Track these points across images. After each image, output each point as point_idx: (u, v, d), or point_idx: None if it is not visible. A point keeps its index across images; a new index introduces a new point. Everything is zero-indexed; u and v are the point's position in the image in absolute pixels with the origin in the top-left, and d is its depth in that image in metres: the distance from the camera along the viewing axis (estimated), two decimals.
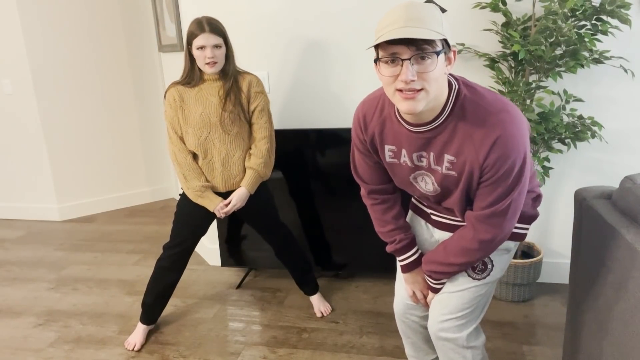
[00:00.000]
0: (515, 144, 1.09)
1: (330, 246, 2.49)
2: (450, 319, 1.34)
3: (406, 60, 1.02)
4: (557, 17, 1.86)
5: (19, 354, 2.10)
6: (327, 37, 2.36)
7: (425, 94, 1.05)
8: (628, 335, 1.13)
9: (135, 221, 3.66)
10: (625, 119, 2.17)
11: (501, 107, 1.11)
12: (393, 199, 1.40)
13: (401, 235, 1.38)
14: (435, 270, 1.32)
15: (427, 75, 1.03)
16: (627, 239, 1.14)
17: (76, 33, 3.55)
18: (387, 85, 1.08)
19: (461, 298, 1.32)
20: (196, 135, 1.96)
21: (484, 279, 1.32)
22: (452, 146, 1.14)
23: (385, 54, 1.04)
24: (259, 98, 2.00)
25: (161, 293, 2.13)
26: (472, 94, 1.13)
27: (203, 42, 1.87)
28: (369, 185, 1.38)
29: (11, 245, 3.31)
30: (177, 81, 1.99)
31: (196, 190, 1.98)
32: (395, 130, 1.21)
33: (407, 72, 1.02)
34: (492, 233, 1.19)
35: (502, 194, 1.14)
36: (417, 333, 1.53)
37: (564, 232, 2.38)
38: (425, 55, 1.02)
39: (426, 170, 1.23)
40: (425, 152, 1.19)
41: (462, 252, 1.25)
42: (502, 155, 1.09)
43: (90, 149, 3.77)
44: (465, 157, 1.13)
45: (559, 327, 2.10)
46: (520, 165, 1.11)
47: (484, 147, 1.09)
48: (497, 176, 1.11)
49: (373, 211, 1.41)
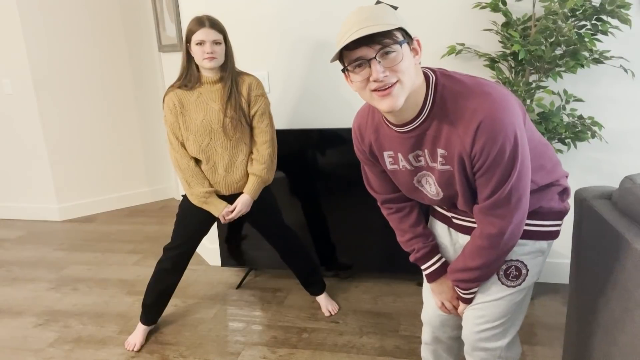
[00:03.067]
0: (500, 126, 1.04)
1: (332, 246, 2.49)
2: (488, 329, 1.28)
3: (372, 59, 1.01)
4: (557, 17, 1.86)
5: (19, 354, 2.10)
6: (327, 37, 2.36)
7: (401, 85, 1.03)
8: (628, 335, 1.13)
9: (135, 221, 3.66)
10: (625, 119, 2.17)
11: (480, 90, 1.07)
12: (409, 207, 1.34)
13: (420, 244, 1.33)
14: (459, 279, 1.25)
15: (397, 67, 1.01)
16: (627, 238, 1.14)
17: (76, 33, 3.55)
18: (362, 91, 1.06)
19: (497, 307, 1.26)
20: (197, 142, 1.95)
21: (519, 285, 1.25)
22: (441, 139, 1.11)
23: (350, 61, 1.03)
24: (260, 101, 1.99)
25: (161, 294, 2.12)
26: (450, 82, 1.10)
27: (202, 37, 1.85)
28: (381, 195, 1.34)
29: (11, 245, 3.31)
30: (175, 84, 1.97)
31: (200, 197, 1.98)
32: (387, 135, 1.19)
33: (377, 69, 1.01)
34: (498, 225, 1.13)
35: (499, 181, 1.09)
36: (442, 343, 1.49)
37: (564, 232, 2.38)
38: (389, 49, 1.01)
39: (426, 170, 1.19)
40: (420, 151, 1.16)
41: (475, 253, 1.20)
42: (489, 139, 1.04)
43: (90, 149, 3.77)
44: (454, 148, 1.09)
45: (559, 327, 2.10)
46: (512, 146, 1.05)
47: (468, 134, 1.05)
48: (488, 163, 1.07)
49: (391, 220, 1.37)
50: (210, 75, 1.94)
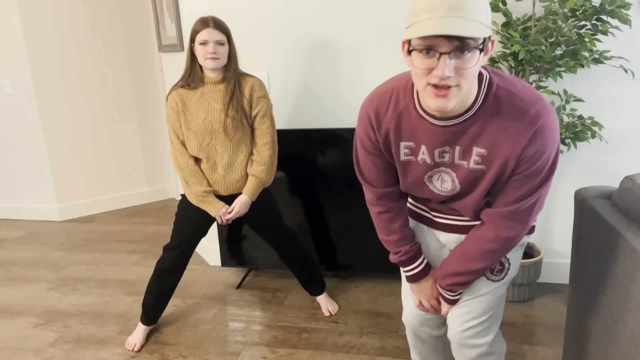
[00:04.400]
0: (553, 136, 1.04)
1: (332, 246, 2.49)
2: (474, 325, 1.29)
3: (444, 55, 0.91)
4: (557, 17, 1.86)
5: (19, 354, 2.10)
6: (327, 36, 2.36)
7: (458, 90, 0.96)
8: (628, 335, 1.13)
9: (135, 221, 3.66)
10: (625, 119, 2.17)
11: (536, 97, 1.04)
12: (400, 206, 1.31)
13: (407, 247, 1.31)
14: (456, 283, 1.24)
15: (464, 72, 0.93)
16: (627, 239, 1.14)
17: (76, 33, 3.55)
18: (419, 78, 0.97)
19: (482, 302, 1.27)
20: (198, 141, 1.96)
21: (503, 280, 1.28)
22: (483, 139, 1.06)
23: (420, 43, 0.92)
24: (262, 103, 1.99)
25: (161, 294, 2.12)
26: (504, 83, 1.06)
27: (206, 37, 1.86)
28: (375, 188, 1.27)
29: (11, 245, 3.31)
30: (178, 83, 1.98)
31: (198, 196, 1.98)
32: (414, 125, 1.11)
33: (444, 67, 0.91)
34: (516, 230, 1.13)
35: (532, 189, 1.08)
36: (426, 344, 1.49)
37: (564, 232, 2.38)
38: (467, 49, 0.91)
39: (447, 167, 1.14)
40: (450, 147, 1.10)
41: (483, 256, 1.18)
42: (541, 147, 1.03)
43: (90, 149, 3.77)
44: (499, 149, 1.05)
45: (559, 327, 2.10)
46: (554, 158, 1.07)
47: (522, 138, 1.02)
48: (532, 169, 1.06)
49: (379, 219, 1.32)
50: (213, 76, 1.94)
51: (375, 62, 2.34)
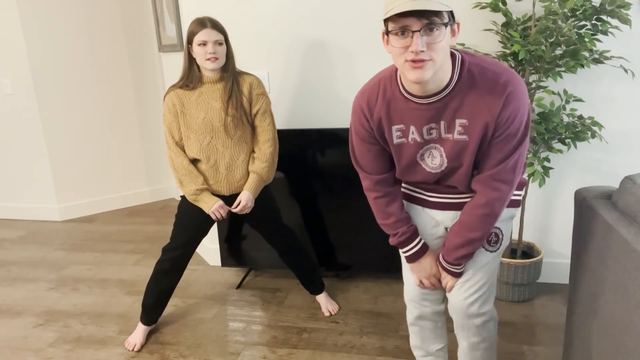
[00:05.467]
0: (523, 99, 1.19)
1: (332, 246, 2.49)
2: (479, 296, 1.40)
3: (416, 32, 1.07)
4: (557, 17, 1.86)
5: (19, 354, 2.10)
6: (327, 36, 2.36)
7: (433, 63, 1.11)
8: (628, 335, 1.13)
9: (135, 221, 3.66)
10: (625, 119, 2.17)
11: (504, 68, 1.21)
12: (395, 191, 1.42)
13: (404, 228, 1.41)
14: (461, 255, 1.35)
15: (435, 46, 1.09)
16: (627, 239, 1.14)
17: (76, 33, 3.55)
18: (397, 56, 1.13)
19: (481, 272, 1.39)
20: (199, 140, 1.96)
21: (497, 250, 1.40)
22: (463, 110, 1.20)
23: (395, 26, 1.09)
24: (261, 100, 2.00)
25: (161, 294, 2.13)
26: (475, 60, 1.22)
27: (205, 38, 1.86)
28: (371, 175, 1.40)
29: (11, 245, 3.31)
30: (176, 84, 1.98)
31: (192, 194, 1.97)
32: (402, 108, 1.26)
33: (418, 43, 1.08)
34: (502, 189, 1.26)
35: (511, 149, 1.22)
36: (426, 321, 1.56)
37: (564, 232, 2.38)
38: (434, 26, 1.08)
39: (436, 142, 1.27)
40: (435, 123, 1.24)
41: (479, 223, 1.30)
42: (514, 110, 1.18)
43: (90, 149, 3.77)
44: (478, 117, 1.20)
45: (559, 327, 2.10)
46: (527, 119, 1.21)
47: (497, 103, 1.17)
48: (508, 131, 1.20)
49: (376, 204, 1.43)
50: (211, 75, 1.95)
51: (374, 62, 2.34)
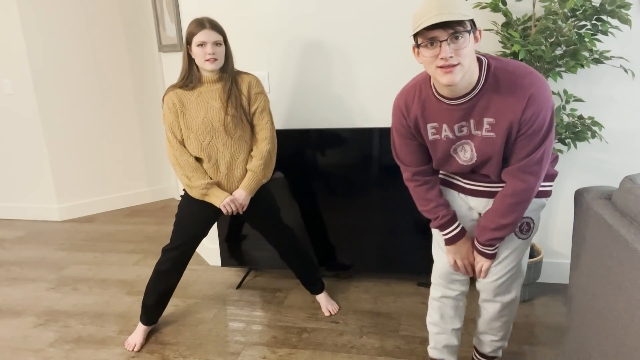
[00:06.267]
0: (545, 99, 1.30)
1: (332, 246, 2.49)
2: (507, 277, 1.54)
3: (444, 41, 1.22)
4: (557, 17, 1.86)
5: (19, 354, 2.10)
6: (327, 36, 2.36)
7: (461, 67, 1.25)
8: (628, 335, 1.13)
9: (135, 221, 3.66)
10: (625, 119, 2.17)
11: (527, 70, 1.32)
12: (433, 180, 1.56)
13: (444, 212, 1.53)
14: (492, 237, 1.46)
15: (461, 52, 1.23)
16: (627, 239, 1.14)
17: (76, 33, 3.55)
18: (429, 65, 1.28)
19: (512, 257, 1.52)
20: (199, 140, 1.96)
21: (529, 237, 1.52)
22: (490, 110, 1.33)
23: (424, 39, 1.25)
24: (259, 99, 2.00)
25: (161, 294, 2.12)
26: (500, 64, 1.34)
27: (204, 38, 1.86)
28: (411, 167, 1.54)
29: (11, 245, 3.31)
30: (175, 84, 1.98)
31: (201, 189, 1.97)
32: (435, 109, 1.40)
33: (446, 50, 1.22)
34: (530, 182, 1.37)
35: (536, 145, 1.33)
36: (450, 300, 1.66)
37: (564, 232, 2.38)
38: (459, 34, 1.22)
39: (467, 138, 1.41)
40: (466, 122, 1.38)
41: (508, 210, 1.41)
42: (536, 109, 1.29)
43: (90, 149, 3.77)
44: (505, 116, 1.32)
45: (559, 327, 2.10)
46: (550, 117, 1.31)
47: (520, 104, 1.29)
48: (533, 128, 1.31)
49: (416, 192, 1.56)
50: (210, 75, 1.95)
51: (374, 63, 2.34)
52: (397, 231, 2.39)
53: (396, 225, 2.38)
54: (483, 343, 1.73)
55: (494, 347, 1.71)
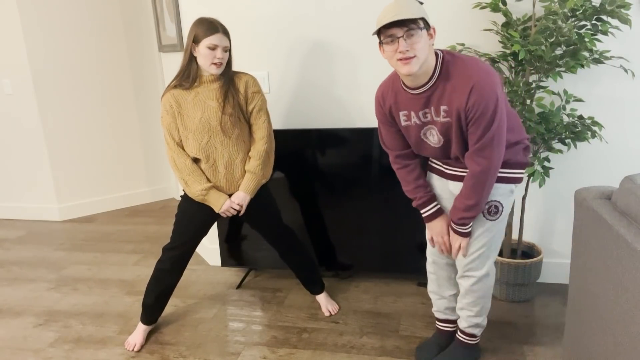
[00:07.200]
0: (487, 90, 1.45)
1: (332, 246, 2.49)
2: (478, 255, 1.70)
3: (400, 37, 1.44)
4: (557, 17, 1.86)
5: (19, 354, 2.10)
6: (327, 36, 2.36)
7: (417, 59, 1.45)
8: (628, 335, 1.13)
9: (135, 221, 3.66)
10: (625, 119, 2.17)
11: (474, 64, 1.49)
12: (414, 163, 1.75)
13: (422, 193, 1.74)
14: (463, 217, 1.63)
15: (416, 46, 1.44)
16: (627, 239, 1.14)
17: (76, 33, 3.55)
18: (391, 59, 1.48)
19: (483, 236, 1.68)
20: (197, 140, 1.96)
21: (497, 219, 1.67)
22: (444, 98, 1.52)
23: (385, 36, 1.46)
24: (257, 98, 2.00)
25: (161, 294, 2.12)
26: (453, 58, 1.53)
27: (217, 42, 1.86)
28: (393, 151, 1.74)
29: (11, 245, 3.31)
30: (171, 84, 1.97)
31: (198, 195, 1.98)
32: (404, 98, 1.60)
33: (403, 44, 1.44)
34: (483, 164, 1.53)
35: (485, 128, 1.49)
36: (442, 270, 1.88)
37: (564, 232, 2.38)
38: (412, 31, 1.43)
39: (431, 123, 1.59)
40: (427, 109, 1.56)
41: (471, 191, 1.58)
42: (478, 98, 1.45)
43: (90, 149, 3.77)
44: (454, 104, 1.50)
45: (559, 327, 2.10)
46: (494, 104, 1.47)
47: (464, 94, 1.47)
48: (477, 115, 1.47)
49: (399, 174, 1.77)
50: (209, 75, 1.95)
51: (373, 63, 2.34)
52: (397, 231, 2.39)
53: (396, 225, 2.38)
54: (461, 319, 1.86)
55: (470, 323, 1.83)
